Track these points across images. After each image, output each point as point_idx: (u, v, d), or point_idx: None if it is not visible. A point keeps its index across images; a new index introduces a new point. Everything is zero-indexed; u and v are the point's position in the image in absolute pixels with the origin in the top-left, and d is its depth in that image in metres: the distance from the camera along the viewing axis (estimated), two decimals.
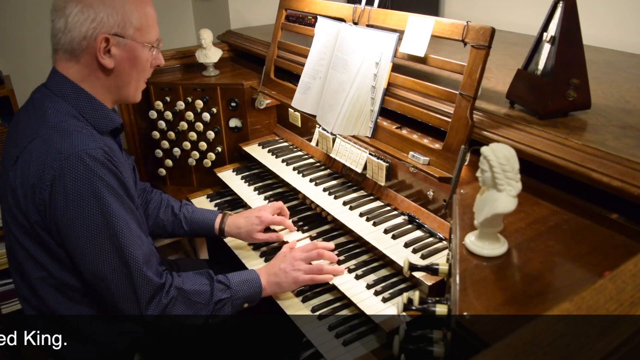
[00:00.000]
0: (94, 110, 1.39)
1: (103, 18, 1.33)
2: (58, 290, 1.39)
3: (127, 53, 1.39)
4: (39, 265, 1.36)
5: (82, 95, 1.37)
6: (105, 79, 1.40)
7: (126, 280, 1.32)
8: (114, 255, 1.30)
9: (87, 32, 1.33)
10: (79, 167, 1.24)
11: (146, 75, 1.49)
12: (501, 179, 1.00)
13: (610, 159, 1.21)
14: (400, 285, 1.53)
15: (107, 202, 1.28)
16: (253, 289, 1.54)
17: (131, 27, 1.37)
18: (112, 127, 1.43)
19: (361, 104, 1.77)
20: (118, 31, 1.36)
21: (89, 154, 1.26)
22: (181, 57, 2.62)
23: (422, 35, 1.61)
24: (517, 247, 1.10)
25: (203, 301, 1.44)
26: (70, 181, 1.24)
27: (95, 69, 1.38)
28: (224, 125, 2.40)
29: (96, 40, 1.33)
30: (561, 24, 1.37)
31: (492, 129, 1.45)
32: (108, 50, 1.36)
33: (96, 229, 1.28)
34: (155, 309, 1.37)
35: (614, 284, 0.66)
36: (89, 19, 1.32)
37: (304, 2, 2.13)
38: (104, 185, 1.27)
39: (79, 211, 1.26)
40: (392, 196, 1.80)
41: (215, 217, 1.85)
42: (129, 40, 1.38)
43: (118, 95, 1.45)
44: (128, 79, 1.43)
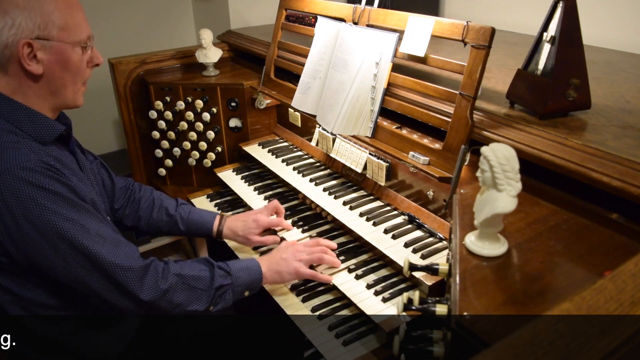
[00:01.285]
0: (31, 121, 1.31)
1: (21, 23, 1.24)
2: (30, 312, 1.35)
3: (55, 56, 1.30)
4: (2, 289, 1.32)
5: (16, 108, 1.30)
6: (37, 86, 1.32)
7: (105, 277, 1.29)
8: (82, 258, 1.27)
9: (7, 40, 1.24)
10: (15, 182, 1.20)
11: (84, 76, 1.40)
12: (501, 179, 1.00)
13: (610, 159, 1.21)
14: (400, 285, 1.53)
15: (54, 211, 1.23)
16: (253, 275, 1.51)
17: (54, 28, 1.29)
18: (53, 136, 1.35)
19: (361, 104, 1.77)
20: (40, 34, 1.27)
21: (23, 167, 1.21)
22: (181, 57, 2.62)
23: (422, 35, 1.61)
24: (517, 247, 1.10)
25: (203, 287, 1.41)
26: (10, 199, 1.20)
27: (24, 78, 1.30)
28: (224, 125, 2.40)
29: (18, 47, 1.25)
30: (561, 24, 1.37)
31: (492, 129, 1.45)
32: (34, 55, 1.28)
33: (53, 238, 1.24)
34: (150, 291, 1.33)
35: (614, 284, 0.66)
36: (7, 25, 1.24)
37: (304, 2, 2.13)
38: (45, 193, 1.23)
39: (31, 225, 1.22)
40: (392, 196, 1.80)
41: (213, 220, 1.82)
42: (55, 42, 1.29)
43: (55, 101, 1.37)
44: (62, 83, 1.35)
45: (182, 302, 1.39)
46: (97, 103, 3.23)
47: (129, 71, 2.49)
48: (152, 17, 3.40)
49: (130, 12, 3.29)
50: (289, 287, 1.66)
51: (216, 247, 2.36)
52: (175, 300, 1.37)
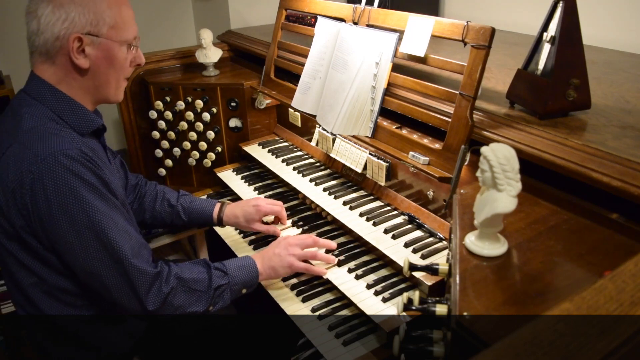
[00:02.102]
0: (73, 112, 1.37)
1: (75, 17, 1.30)
2: (51, 296, 1.38)
3: (102, 52, 1.36)
4: (29, 271, 1.35)
5: (60, 98, 1.36)
6: (82, 79, 1.38)
7: (120, 274, 1.32)
8: (104, 251, 1.30)
9: (59, 32, 1.30)
10: (56, 168, 1.23)
11: (126, 74, 1.46)
12: (501, 179, 1.00)
13: (610, 159, 1.21)
14: (400, 285, 1.53)
15: (88, 200, 1.27)
16: (250, 274, 1.54)
17: (105, 26, 1.35)
18: (92, 128, 1.42)
19: (361, 103, 1.77)
20: (91, 30, 1.33)
21: (65, 154, 1.25)
22: (181, 57, 2.62)
23: (422, 35, 1.61)
24: (517, 247, 1.10)
25: (202, 289, 1.44)
26: (49, 183, 1.23)
27: (71, 70, 1.36)
28: (224, 125, 2.40)
29: (69, 40, 1.31)
30: (561, 24, 1.37)
31: (492, 129, 1.45)
32: (82, 50, 1.33)
33: (81, 227, 1.27)
34: (156, 299, 1.36)
35: (614, 284, 0.66)
36: (61, 19, 1.30)
37: (304, 2, 2.13)
38: (83, 183, 1.27)
39: (62, 211, 1.25)
40: (392, 196, 1.80)
41: (214, 207, 1.87)
42: (103, 39, 1.35)
43: (97, 95, 1.43)
44: (106, 79, 1.41)
45: (182, 304, 1.41)
46: None
47: None
48: (152, 17, 3.40)
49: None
50: (289, 287, 1.66)
51: (215, 246, 2.36)
52: (176, 303, 1.40)
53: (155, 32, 3.42)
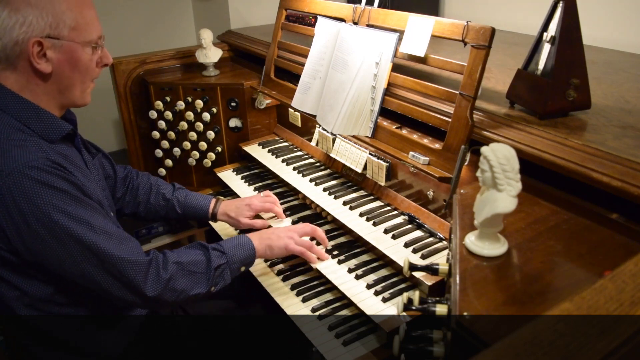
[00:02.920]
0: (39, 119, 1.32)
1: (32, 21, 1.25)
2: (35, 308, 1.36)
3: (65, 55, 1.31)
4: (8, 285, 1.33)
5: (25, 105, 1.31)
6: (45, 84, 1.33)
7: (111, 271, 1.31)
8: (89, 254, 1.28)
9: (17, 37, 1.25)
10: (23, 181, 1.20)
11: (92, 75, 1.41)
12: (501, 179, 1.00)
13: (610, 159, 1.21)
14: (400, 285, 1.53)
15: (62, 208, 1.24)
16: (247, 251, 1.55)
17: (65, 28, 1.29)
18: (60, 135, 1.36)
19: (361, 103, 1.77)
20: (51, 33, 1.27)
21: (30, 165, 1.21)
22: (181, 57, 2.62)
23: (422, 35, 1.61)
24: (517, 247, 1.10)
25: (202, 270, 1.44)
26: (19, 197, 1.21)
27: (33, 76, 1.30)
28: (224, 125, 2.40)
29: (28, 45, 1.26)
30: (561, 24, 1.37)
31: (492, 129, 1.45)
32: (43, 54, 1.28)
33: (61, 235, 1.25)
34: (155, 285, 1.35)
35: (614, 284, 0.66)
36: (18, 22, 1.24)
37: (304, 2, 2.13)
38: (53, 191, 1.24)
39: (39, 224, 1.23)
40: (392, 196, 1.80)
41: (209, 203, 1.87)
42: (65, 41, 1.30)
43: (62, 100, 1.38)
44: (70, 82, 1.36)
45: (185, 287, 1.40)
46: (97, 103, 3.21)
47: (129, 71, 2.49)
48: (152, 17, 3.40)
49: (130, 12, 3.29)
50: (289, 287, 1.66)
51: None
52: (178, 287, 1.39)
53: (155, 32, 3.42)
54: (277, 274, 1.73)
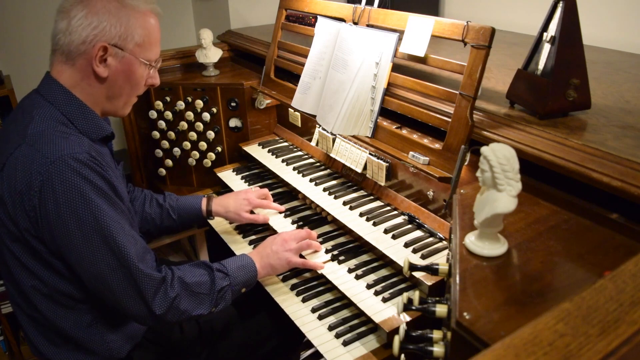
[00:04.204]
0: (84, 117, 1.38)
1: (106, 27, 1.33)
2: (51, 299, 1.38)
3: (123, 65, 1.39)
4: (30, 273, 1.35)
5: (73, 102, 1.37)
6: (97, 87, 1.39)
7: (127, 278, 1.32)
8: (111, 255, 1.30)
9: (87, 37, 1.32)
10: (66, 171, 1.23)
11: (139, 91, 1.49)
12: (501, 179, 1.00)
13: (610, 159, 1.21)
14: (400, 285, 1.53)
15: (97, 204, 1.27)
16: (249, 273, 1.56)
17: (132, 42, 1.38)
18: (102, 135, 1.43)
19: (361, 103, 1.77)
20: (118, 42, 1.36)
21: (75, 157, 1.25)
22: (181, 57, 2.62)
23: (422, 35, 1.61)
24: (517, 247, 1.10)
25: (206, 291, 1.45)
26: (58, 185, 1.23)
27: (88, 75, 1.37)
28: (224, 125, 2.40)
29: (94, 47, 1.33)
30: (561, 24, 1.37)
31: (492, 129, 1.45)
32: (105, 59, 1.36)
33: (89, 230, 1.27)
34: (162, 303, 1.36)
35: (614, 284, 0.66)
36: (92, 25, 1.32)
37: (304, 2, 2.13)
38: (91, 187, 1.26)
39: (71, 214, 1.25)
40: (392, 196, 1.80)
41: (201, 201, 1.89)
42: (127, 53, 1.38)
43: (107, 106, 1.45)
44: (119, 92, 1.43)
45: (188, 308, 1.41)
46: None
47: None
48: None
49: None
50: (289, 287, 1.66)
51: (215, 246, 2.36)
52: (182, 307, 1.39)
53: None
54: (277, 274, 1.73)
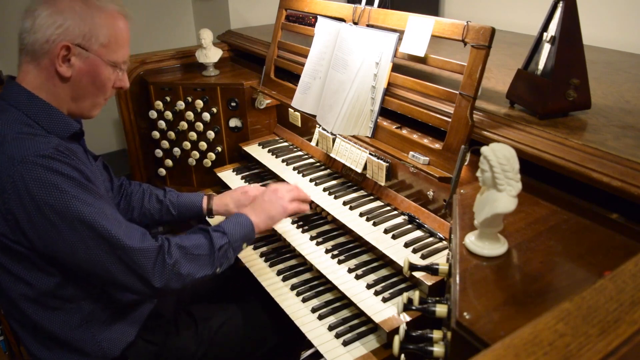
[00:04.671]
0: (50, 117, 1.36)
1: (70, 26, 1.32)
2: (38, 303, 1.38)
3: (87, 66, 1.37)
4: (15, 278, 1.35)
5: (36, 103, 1.36)
6: (62, 87, 1.38)
7: (120, 259, 1.32)
8: (101, 240, 1.30)
9: (50, 36, 1.31)
10: (34, 168, 1.23)
11: (106, 94, 1.47)
12: (501, 179, 1.00)
13: (610, 159, 1.21)
14: (400, 285, 1.53)
15: (72, 194, 1.27)
16: (246, 227, 1.57)
17: (97, 42, 1.36)
18: (69, 132, 1.41)
19: (361, 103, 1.77)
20: (82, 42, 1.34)
21: (40, 154, 1.25)
22: (181, 57, 2.62)
23: (422, 35, 1.61)
24: (517, 247, 1.10)
25: (206, 252, 1.46)
26: (31, 184, 1.23)
27: (52, 76, 1.36)
28: (224, 125, 2.40)
29: (57, 46, 1.32)
30: (561, 24, 1.37)
31: (492, 129, 1.45)
32: (68, 59, 1.34)
33: (73, 220, 1.27)
34: (161, 275, 1.37)
35: (614, 284, 0.66)
36: (56, 24, 1.31)
37: (304, 2, 2.13)
38: (64, 178, 1.27)
39: (50, 210, 1.25)
40: (392, 196, 1.80)
41: (202, 199, 1.88)
42: (91, 54, 1.36)
43: (72, 107, 1.43)
44: (84, 93, 1.41)
45: (190, 271, 1.42)
46: None
47: (129, 71, 2.47)
48: (152, 17, 3.40)
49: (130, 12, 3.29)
50: (289, 287, 1.66)
51: None
52: (184, 272, 1.40)
53: (155, 32, 3.42)
54: (277, 274, 1.73)
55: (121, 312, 1.52)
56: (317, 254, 1.71)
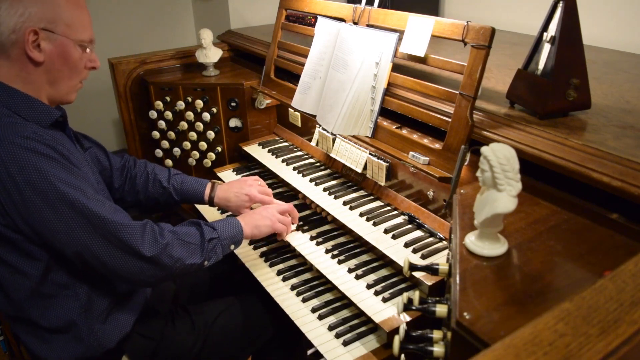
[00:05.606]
0: (29, 106, 1.38)
1: (32, 12, 1.33)
2: (33, 293, 1.39)
3: (57, 48, 1.39)
4: (10, 267, 1.36)
5: (14, 95, 1.37)
6: (36, 74, 1.39)
7: (107, 238, 1.34)
8: (83, 220, 1.31)
9: (15, 25, 1.33)
10: (15, 150, 1.26)
11: (80, 76, 1.48)
12: (501, 179, 1.00)
13: (610, 159, 1.21)
14: (400, 285, 1.53)
15: (53, 173, 1.29)
16: (235, 228, 1.61)
17: (62, 24, 1.38)
18: (51, 119, 1.42)
19: (361, 103, 1.77)
20: (47, 26, 1.36)
21: (22, 135, 1.27)
22: (181, 57, 2.62)
23: (422, 35, 1.61)
24: (517, 247, 1.10)
25: (196, 242, 1.49)
26: (11, 166, 1.25)
27: (25, 64, 1.37)
28: (224, 125, 2.40)
29: (24, 33, 1.33)
30: (561, 24, 1.37)
31: (492, 129, 1.45)
32: (37, 44, 1.36)
33: (55, 201, 1.29)
34: (152, 246, 1.38)
35: (614, 284, 0.66)
36: (18, 12, 1.32)
37: (304, 2, 2.13)
38: (43, 157, 1.28)
39: (33, 191, 1.27)
40: (392, 196, 1.80)
41: (205, 187, 1.90)
42: (59, 35, 1.38)
43: (50, 92, 1.44)
44: (60, 75, 1.43)
45: (181, 256, 1.44)
46: (97, 103, 3.23)
47: (129, 71, 2.49)
48: (152, 17, 3.40)
49: (130, 12, 3.29)
50: (289, 287, 1.66)
51: None
52: (175, 255, 1.43)
53: (155, 32, 3.42)
54: (277, 274, 1.73)
55: (117, 301, 1.53)
56: (317, 254, 1.71)
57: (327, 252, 1.71)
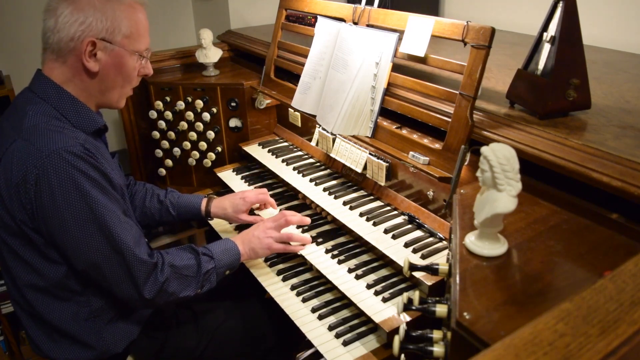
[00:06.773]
0: (76, 111, 1.41)
1: (92, 22, 1.35)
2: (48, 294, 1.41)
3: (113, 59, 1.41)
4: (28, 266, 1.38)
5: (64, 97, 1.40)
6: (89, 82, 1.42)
7: (120, 265, 1.36)
8: (106, 243, 1.34)
9: (74, 33, 1.35)
10: (60, 163, 1.27)
11: (132, 83, 1.52)
12: (501, 179, 1.00)
13: (610, 159, 1.21)
14: (400, 285, 1.53)
15: (91, 194, 1.31)
16: (233, 256, 1.61)
17: (120, 34, 1.40)
18: (94, 127, 1.46)
19: (361, 103, 1.77)
20: (106, 36, 1.38)
21: (68, 150, 1.28)
22: (181, 57, 2.62)
23: (422, 35, 1.61)
24: (517, 247, 1.10)
25: (192, 274, 1.50)
26: (53, 178, 1.27)
27: (80, 71, 1.40)
28: (224, 125, 2.40)
29: (82, 43, 1.35)
30: (561, 23, 1.37)
31: (492, 129, 1.45)
32: (94, 54, 1.38)
33: (84, 220, 1.31)
34: (152, 288, 1.41)
35: (614, 284, 0.66)
36: (78, 21, 1.34)
37: (304, 2, 2.13)
38: (85, 178, 1.30)
39: (66, 205, 1.29)
40: (392, 196, 1.80)
41: (201, 201, 1.92)
42: (116, 46, 1.41)
43: (101, 99, 1.48)
44: (112, 85, 1.46)
45: (175, 290, 1.46)
46: None
47: None
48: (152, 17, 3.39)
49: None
50: (289, 287, 1.66)
51: None
52: (170, 290, 1.45)
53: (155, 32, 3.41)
54: (277, 274, 1.73)
55: (127, 311, 1.55)
56: (317, 254, 1.71)
57: (327, 252, 1.71)
